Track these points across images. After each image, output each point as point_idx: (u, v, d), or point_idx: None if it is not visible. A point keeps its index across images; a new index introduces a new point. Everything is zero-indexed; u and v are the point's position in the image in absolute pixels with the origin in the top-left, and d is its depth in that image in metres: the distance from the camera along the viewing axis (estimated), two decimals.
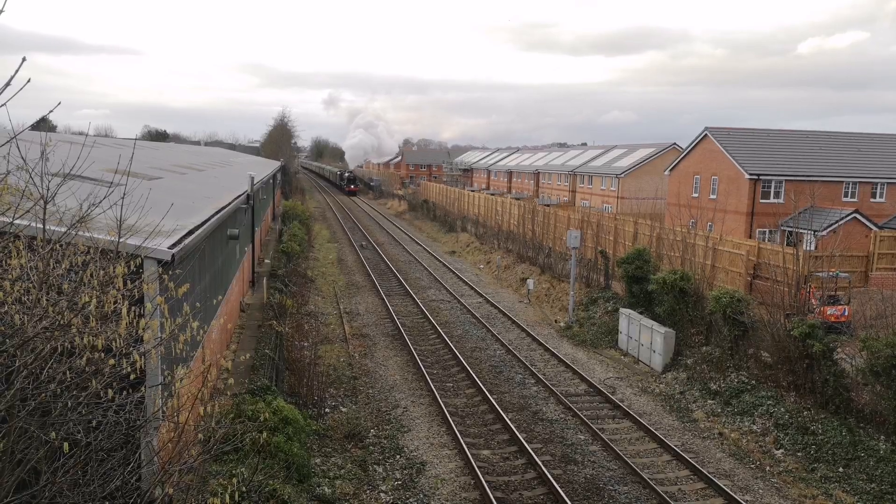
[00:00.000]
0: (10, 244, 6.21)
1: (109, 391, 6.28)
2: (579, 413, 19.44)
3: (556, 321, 30.82)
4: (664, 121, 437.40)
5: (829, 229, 34.56)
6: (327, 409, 19.20)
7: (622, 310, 26.53)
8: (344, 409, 19.49)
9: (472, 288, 37.66)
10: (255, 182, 26.16)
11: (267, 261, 34.68)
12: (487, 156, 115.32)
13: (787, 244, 30.92)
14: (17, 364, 5.73)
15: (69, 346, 6.08)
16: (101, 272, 6.44)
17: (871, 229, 35.10)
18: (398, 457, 16.77)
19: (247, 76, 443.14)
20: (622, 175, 61.62)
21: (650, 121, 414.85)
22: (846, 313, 22.92)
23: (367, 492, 14.85)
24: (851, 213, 36.32)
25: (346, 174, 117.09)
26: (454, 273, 42.26)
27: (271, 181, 50.91)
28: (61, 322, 5.96)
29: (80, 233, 6.95)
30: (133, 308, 6.49)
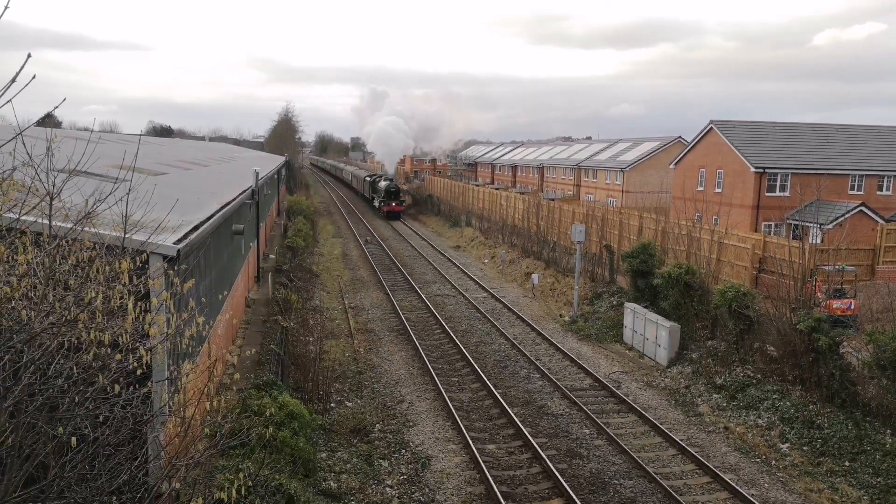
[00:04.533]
0: (17, 240, 6.23)
1: (116, 386, 6.30)
2: (584, 407, 19.45)
3: (560, 316, 30.80)
4: (673, 114, 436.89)
5: (835, 222, 34.41)
6: (333, 404, 19.25)
7: (627, 304, 26.49)
8: (349, 404, 19.54)
9: (477, 282, 37.66)
10: (259, 177, 26.16)
11: (272, 256, 34.71)
12: (492, 150, 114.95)
13: (793, 238, 30.80)
14: (24, 360, 5.75)
15: (76, 342, 6.10)
16: (107, 268, 6.45)
17: (877, 222, 34.95)
18: (404, 451, 16.81)
19: (254, 71, 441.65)
20: (627, 169, 61.46)
21: (659, 114, 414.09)
22: (852, 307, 22.83)
23: (373, 486, 14.89)
24: (858, 207, 36.14)
25: (384, 182, 72.36)
26: (459, 268, 42.26)
27: (276, 176, 50.91)
28: (68, 318, 5.98)
29: (86, 229, 6.95)
30: (139, 303, 6.49)
